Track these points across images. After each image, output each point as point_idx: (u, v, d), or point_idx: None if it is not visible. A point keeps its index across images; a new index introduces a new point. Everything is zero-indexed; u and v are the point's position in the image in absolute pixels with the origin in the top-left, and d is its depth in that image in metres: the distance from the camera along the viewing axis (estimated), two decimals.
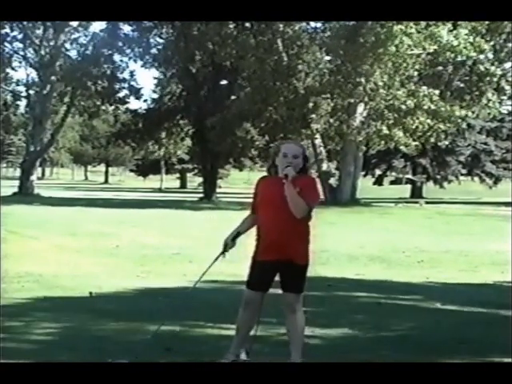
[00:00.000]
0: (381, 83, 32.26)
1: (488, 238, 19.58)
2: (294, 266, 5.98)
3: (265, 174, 6.29)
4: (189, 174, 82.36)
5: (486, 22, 31.93)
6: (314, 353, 6.41)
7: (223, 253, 6.23)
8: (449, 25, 30.76)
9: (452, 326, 8.33)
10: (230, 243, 6.19)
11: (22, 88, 44.32)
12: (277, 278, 6.10)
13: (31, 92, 43.66)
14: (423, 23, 30.60)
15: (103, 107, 45.04)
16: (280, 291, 6.06)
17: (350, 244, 17.00)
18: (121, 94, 43.90)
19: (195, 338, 7.38)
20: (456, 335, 7.77)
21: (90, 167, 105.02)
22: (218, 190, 46.10)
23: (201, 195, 44.94)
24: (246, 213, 6.28)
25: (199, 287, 6.81)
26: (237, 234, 6.20)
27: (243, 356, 6.18)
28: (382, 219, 26.67)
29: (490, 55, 34.12)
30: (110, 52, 42.24)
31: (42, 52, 41.63)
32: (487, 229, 23.43)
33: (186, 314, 8.04)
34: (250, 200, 6.24)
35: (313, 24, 35.88)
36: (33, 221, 21.91)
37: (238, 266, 6.33)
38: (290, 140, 6.23)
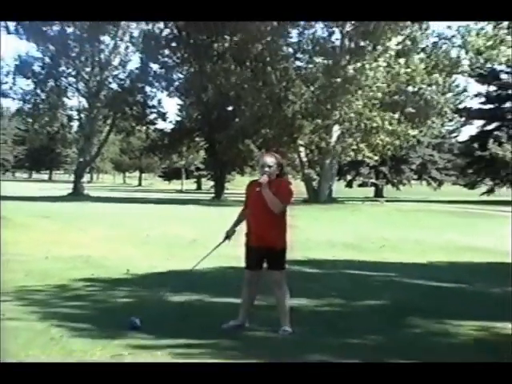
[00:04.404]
0: (353, 109, 32.33)
1: (435, 229, 19.54)
2: (276, 249, 6.03)
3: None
4: (203, 179, 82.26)
5: (435, 60, 32.06)
6: (299, 319, 6.34)
7: (225, 239, 6.32)
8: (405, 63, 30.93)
9: (407, 297, 8.26)
10: (231, 232, 6.29)
11: (74, 112, 44.35)
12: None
13: (82, 115, 43.62)
14: (383, 62, 30.66)
15: (137, 127, 44.98)
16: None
17: (329, 234, 16.89)
18: (151, 117, 43.94)
19: (207, 306, 7.31)
20: (411, 304, 7.72)
21: (127, 173, 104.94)
22: (225, 191, 46.02)
23: (213, 195, 44.89)
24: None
25: (211, 267, 6.77)
26: (234, 226, 6.31)
27: (246, 323, 6.18)
28: (353, 214, 26.61)
29: (434, 87, 34.03)
30: (142, 85, 42.26)
31: (90, 85, 41.56)
32: (434, 221, 23.40)
33: (201, 288, 7.99)
34: None
35: (298, 63, 35.90)
36: (83, 215, 21.85)
37: (237, 250, 6.32)
38: (267, 152, 6.42)
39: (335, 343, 5.78)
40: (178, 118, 49.60)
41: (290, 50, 35.66)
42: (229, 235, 6.26)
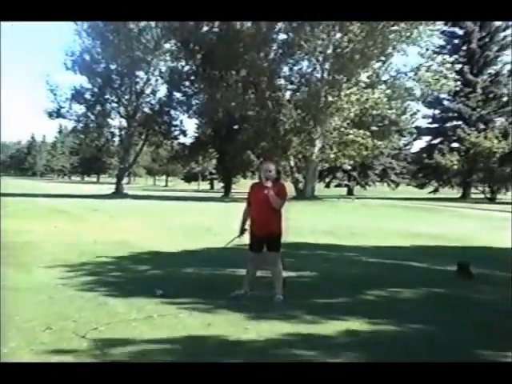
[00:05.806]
0: (332, 126, 32.34)
1: (393, 220, 19.53)
2: (274, 236, 6.05)
3: (256, 181, 6.38)
4: (215, 181, 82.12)
5: (394, 90, 32.02)
6: (287, 287, 6.36)
7: (239, 236, 6.28)
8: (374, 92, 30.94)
9: (370, 271, 8.28)
10: (243, 231, 6.23)
11: (116, 130, 44.26)
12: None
13: (122, 132, 43.61)
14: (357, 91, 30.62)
15: (165, 141, 44.91)
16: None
17: (312, 223, 16.88)
18: (175, 133, 43.86)
19: (219, 277, 7.32)
20: (372, 276, 7.73)
21: (157, 177, 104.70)
22: (232, 190, 45.95)
23: (222, 193, 44.83)
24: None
25: (220, 249, 6.78)
26: (245, 226, 6.18)
27: (249, 292, 6.20)
28: (330, 209, 26.59)
29: (394, 111, 33.99)
30: (168, 108, 42.31)
31: (129, 109, 41.56)
32: (393, 214, 23.37)
33: (214, 264, 7.98)
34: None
35: (288, 91, 35.95)
36: (123, 209, 21.84)
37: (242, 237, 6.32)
38: (268, 160, 6.48)
39: (310, 303, 5.86)
40: (196, 134, 49.58)
41: (283, 81, 35.77)
42: (243, 232, 6.23)
